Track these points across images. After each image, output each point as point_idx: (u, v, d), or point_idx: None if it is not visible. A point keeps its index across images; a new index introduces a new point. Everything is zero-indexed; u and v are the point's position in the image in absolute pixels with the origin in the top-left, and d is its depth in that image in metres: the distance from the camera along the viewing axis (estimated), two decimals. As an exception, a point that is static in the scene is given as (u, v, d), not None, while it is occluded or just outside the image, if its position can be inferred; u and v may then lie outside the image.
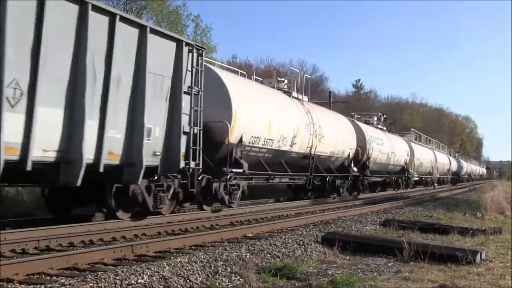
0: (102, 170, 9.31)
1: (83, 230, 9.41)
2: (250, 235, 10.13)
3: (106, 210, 10.78)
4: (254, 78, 18.63)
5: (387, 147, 28.85)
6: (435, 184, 44.22)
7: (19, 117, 7.90)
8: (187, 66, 11.39)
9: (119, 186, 10.32)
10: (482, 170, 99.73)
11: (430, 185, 42.28)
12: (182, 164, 11.08)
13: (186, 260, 6.83)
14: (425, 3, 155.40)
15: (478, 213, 16.06)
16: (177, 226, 10.80)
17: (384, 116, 33.96)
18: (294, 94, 19.36)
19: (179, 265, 6.56)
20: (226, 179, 13.59)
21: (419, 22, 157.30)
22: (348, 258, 8.25)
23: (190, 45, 11.60)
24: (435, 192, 34.97)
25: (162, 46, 10.75)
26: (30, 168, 8.03)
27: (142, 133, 10.04)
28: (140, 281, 5.76)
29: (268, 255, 7.84)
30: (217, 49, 40.09)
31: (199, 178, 12.36)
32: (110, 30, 9.48)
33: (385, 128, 32.74)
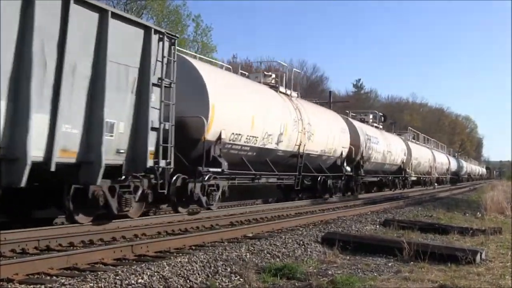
0: (54, 169, 8.38)
1: (83, 230, 9.40)
2: (250, 235, 10.13)
3: (65, 214, 9.72)
4: (240, 73, 17.77)
5: (383, 146, 28.10)
6: (435, 184, 44.12)
7: None
8: (157, 56, 10.44)
9: (79, 187, 9.32)
10: (482, 170, 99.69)
11: (428, 185, 41.79)
12: (150, 163, 10.20)
13: (186, 260, 6.83)
14: (425, 3, 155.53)
15: (478, 213, 16.06)
16: (177, 226, 10.80)
17: (380, 114, 33.14)
18: (282, 89, 18.28)
19: (179, 265, 6.56)
20: (204, 179, 12.63)
21: (419, 22, 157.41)
22: (348, 258, 8.25)
23: (160, 32, 10.62)
24: (435, 192, 34.95)
25: (127, 33, 9.81)
26: None
27: (101, 128, 9.08)
28: (140, 281, 5.76)
29: (268, 255, 7.84)
30: (217, 49, 40.17)
31: (174, 178, 11.68)
32: (64, 13, 8.47)
33: (381, 126, 31.83)
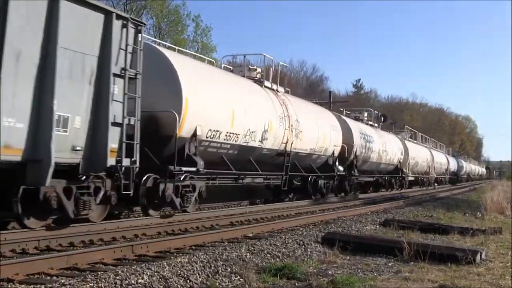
0: None
1: (83, 230, 9.40)
2: (250, 235, 10.13)
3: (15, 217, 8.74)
4: (223, 67, 16.93)
5: (378, 145, 27.16)
6: (435, 184, 44.07)
7: None
8: (120, 44, 9.53)
9: (30, 187, 8.39)
10: (481, 170, 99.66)
11: (427, 185, 41.27)
12: (110, 161, 9.22)
13: (186, 260, 6.83)
14: (425, 3, 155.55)
15: (478, 213, 16.07)
16: (177, 226, 10.79)
17: (376, 112, 32.36)
18: (267, 83, 17.19)
19: (179, 265, 6.56)
20: (179, 180, 11.66)
21: (419, 22, 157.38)
22: (348, 258, 8.25)
23: (124, 18, 9.71)
24: (435, 192, 34.96)
25: (83, 18, 8.88)
26: None
27: (51, 122, 8.16)
28: (140, 281, 5.76)
29: (268, 255, 7.84)
30: (217, 49, 40.18)
31: (144, 178, 10.90)
32: None
33: (376, 124, 30.79)
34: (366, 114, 29.88)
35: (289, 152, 17.01)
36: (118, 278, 5.71)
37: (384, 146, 28.44)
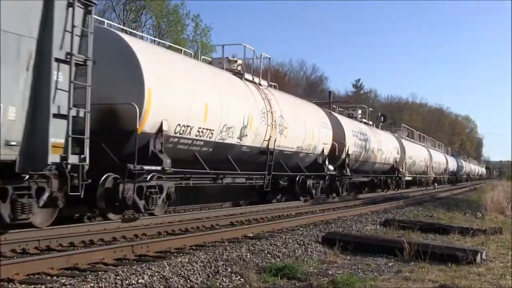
0: None
1: (84, 230, 9.40)
2: (251, 235, 10.13)
3: None
4: (201, 59, 15.94)
5: (373, 144, 26.07)
6: (435, 184, 43.99)
7: None
8: (65, 26, 8.28)
9: None
10: (481, 170, 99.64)
11: (425, 185, 40.49)
12: (53, 158, 8.04)
13: (187, 260, 6.83)
14: (425, 3, 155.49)
15: (478, 213, 16.08)
16: (177, 226, 10.79)
17: (371, 109, 31.22)
18: (248, 76, 15.96)
19: (180, 265, 6.56)
20: (144, 179, 10.72)
21: (419, 21, 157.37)
22: (348, 258, 8.26)
23: None
24: (435, 192, 34.94)
25: None
26: None
27: None
28: (140, 281, 5.76)
29: (268, 255, 7.84)
30: (216, 49, 40.18)
31: (103, 178, 10.00)
32: None
33: (371, 122, 29.71)
34: (360, 112, 28.76)
35: (272, 150, 15.99)
36: (118, 278, 5.71)
37: (379, 145, 27.48)
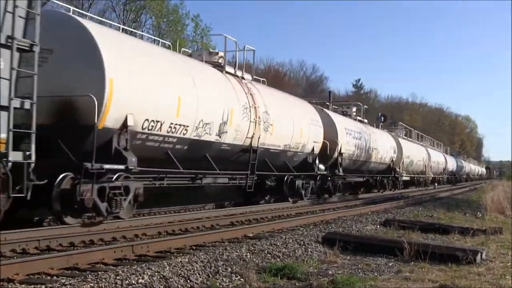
0: None
1: (84, 230, 9.40)
2: (251, 235, 10.13)
3: None
4: (182, 52, 15.03)
5: (367, 142, 25.08)
6: (436, 184, 43.91)
7: None
8: (6, 5, 7.49)
9: None
10: (481, 170, 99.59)
11: (423, 185, 39.76)
12: None
13: (187, 260, 6.83)
14: (425, 3, 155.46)
15: (479, 213, 16.09)
16: (177, 226, 10.79)
17: (366, 106, 30.37)
18: (229, 69, 14.94)
19: (180, 265, 6.56)
20: (109, 180, 9.86)
21: (419, 21, 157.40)
22: (348, 258, 8.25)
23: None
24: (435, 192, 34.92)
25: None
26: None
27: None
28: (140, 281, 5.76)
29: (268, 255, 7.84)
30: (216, 49, 40.20)
31: (60, 178, 9.09)
32: None
33: (366, 120, 28.37)
34: (354, 109, 27.53)
35: (255, 148, 14.90)
36: (118, 278, 5.71)
37: (374, 144, 26.43)
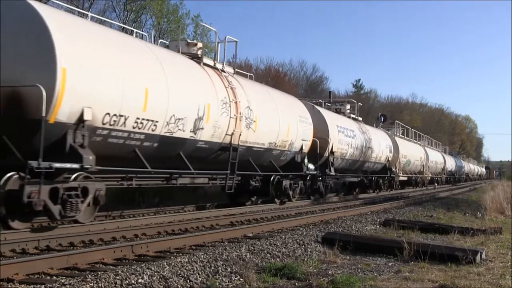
0: None
1: (83, 230, 9.41)
2: (250, 235, 10.13)
3: None
4: (160, 43, 14.10)
5: (361, 141, 24.13)
6: (435, 184, 43.87)
7: None
8: None
9: None
10: (481, 170, 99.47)
11: (420, 185, 39.02)
12: None
13: (186, 260, 6.84)
14: (425, 3, 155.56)
15: (478, 213, 16.09)
16: (177, 226, 10.80)
17: (360, 104, 29.17)
18: (208, 60, 13.83)
19: (179, 265, 6.56)
20: (66, 180, 8.83)
21: (419, 22, 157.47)
22: (348, 258, 8.26)
23: None
24: (435, 192, 34.88)
25: None
26: None
27: None
28: (140, 281, 5.76)
29: (268, 255, 7.85)
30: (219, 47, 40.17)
31: (4, 178, 8.10)
32: None
33: (360, 118, 27.22)
34: (348, 107, 26.15)
35: (236, 146, 13.81)
36: (118, 278, 5.72)
37: (369, 142, 25.38)
